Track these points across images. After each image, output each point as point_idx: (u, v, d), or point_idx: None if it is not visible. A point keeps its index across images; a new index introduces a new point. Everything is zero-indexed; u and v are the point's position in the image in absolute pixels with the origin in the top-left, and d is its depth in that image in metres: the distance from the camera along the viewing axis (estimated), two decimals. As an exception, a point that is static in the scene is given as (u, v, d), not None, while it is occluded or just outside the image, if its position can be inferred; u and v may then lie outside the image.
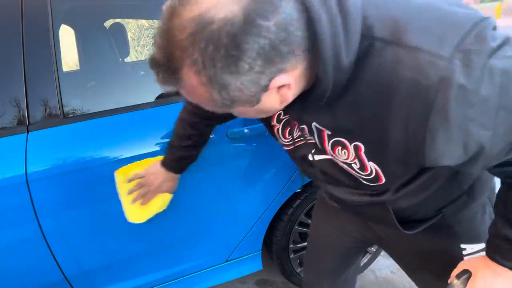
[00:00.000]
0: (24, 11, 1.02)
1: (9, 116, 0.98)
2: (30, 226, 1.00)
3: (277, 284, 1.72)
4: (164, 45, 0.43)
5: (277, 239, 1.46)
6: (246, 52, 0.41)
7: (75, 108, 1.06)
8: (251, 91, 0.45)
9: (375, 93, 0.49)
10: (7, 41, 1.00)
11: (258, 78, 0.44)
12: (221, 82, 0.43)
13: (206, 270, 1.36)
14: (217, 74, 0.42)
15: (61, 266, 1.10)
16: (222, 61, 0.41)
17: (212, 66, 0.42)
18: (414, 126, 0.47)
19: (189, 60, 0.42)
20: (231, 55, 0.41)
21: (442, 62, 0.43)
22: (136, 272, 1.24)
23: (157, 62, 0.44)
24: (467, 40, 0.44)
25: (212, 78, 0.43)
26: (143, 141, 1.06)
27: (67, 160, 1.00)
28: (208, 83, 0.44)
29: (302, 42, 0.44)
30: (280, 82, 0.46)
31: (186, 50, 0.41)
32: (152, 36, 0.45)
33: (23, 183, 0.96)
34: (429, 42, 0.44)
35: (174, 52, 0.42)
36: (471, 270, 0.71)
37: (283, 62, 0.44)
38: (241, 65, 0.42)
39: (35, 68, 1.00)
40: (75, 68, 2.08)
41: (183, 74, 0.44)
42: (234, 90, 0.44)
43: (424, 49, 0.44)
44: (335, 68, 0.47)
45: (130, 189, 1.03)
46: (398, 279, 1.71)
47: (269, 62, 0.43)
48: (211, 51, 0.41)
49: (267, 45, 0.42)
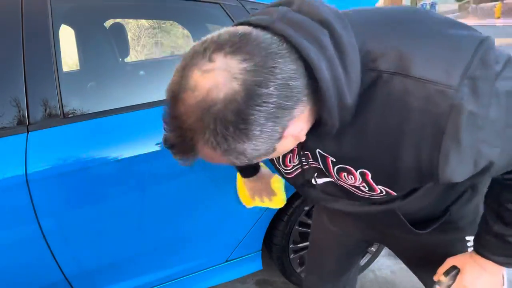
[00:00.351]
0: (24, 11, 1.02)
1: (9, 116, 0.98)
2: (30, 226, 1.00)
3: (277, 284, 1.72)
4: (175, 130, 0.45)
5: (277, 239, 1.46)
6: (254, 122, 0.43)
7: (75, 108, 1.06)
8: (267, 147, 0.47)
9: (383, 122, 0.49)
10: (7, 41, 1.00)
11: (271, 136, 0.45)
12: (237, 151, 0.45)
13: (206, 270, 1.36)
14: (231, 146, 0.44)
15: (61, 266, 1.10)
16: (233, 136, 0.43)
17: (224, 141, 0.44)
18: (426, 152, 0.48)
19: (202, 140, 0.44)
20: (240, 129, 0.43)
21: (451, 91, 0.45)
22: (136, 272, 1.24)
23: (172, 144, 0.46)
24: (472, 67, 0.45)
25: (227, 151, 0.45)
26: (143, 141, 1.07)
27: (67, 160, 1.00)
28: (224, 154, 0.46)
29: (305, 89, 0.46)
30: (292, 131, 0.48)
31: (197, 132, 0.43)
32: (162, 118, 0.47)
33: (23, 183, 0.96)
34: (436, 72, 0.45)
35: (186, 134, 0.44)
36: (459, 266, 0.73)
37: (290, 113, 0.46)
38: (252, 134, 0.44)
39: (35, 68, 1.00)
40: (75, 68, 2.07)
41: (199, 150, 0.46)
42: (250, 153, 0.46)
43: (432, 80, 0.45)
44: (339, 108, 0.48)
45: (260, 204, 1.05)
46: (398, 279, 1.71)
47: (278, 119, 0.44)
48: (221, 130, 0.42)
49: (273, 108, 0.43)
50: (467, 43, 0.47)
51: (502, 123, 0.48)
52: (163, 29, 5.44)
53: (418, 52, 0.47)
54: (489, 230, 0.67)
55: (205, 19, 1.53)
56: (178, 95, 0.44)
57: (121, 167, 1.05)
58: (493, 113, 0.46)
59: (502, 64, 0.47)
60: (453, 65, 0.46)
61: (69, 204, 1.03)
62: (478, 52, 0.46)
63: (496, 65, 0.46)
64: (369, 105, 0.49)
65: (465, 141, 0.46)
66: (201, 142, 0.44)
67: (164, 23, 5.12)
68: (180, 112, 0.43)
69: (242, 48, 0.43)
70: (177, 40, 5.35)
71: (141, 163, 1.06)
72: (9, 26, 1.01)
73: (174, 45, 5.35)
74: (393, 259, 1.82)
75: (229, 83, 0.41)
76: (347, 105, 0.48)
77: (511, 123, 0.48)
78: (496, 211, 0.65)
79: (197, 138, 0.44)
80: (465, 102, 0.44)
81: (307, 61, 0.45)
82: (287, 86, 0.43)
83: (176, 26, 4.88)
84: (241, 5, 1.21)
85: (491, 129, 0.47)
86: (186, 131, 0.44)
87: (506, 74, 0.47)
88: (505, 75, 0.47)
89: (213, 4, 1.21)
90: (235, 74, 0.42)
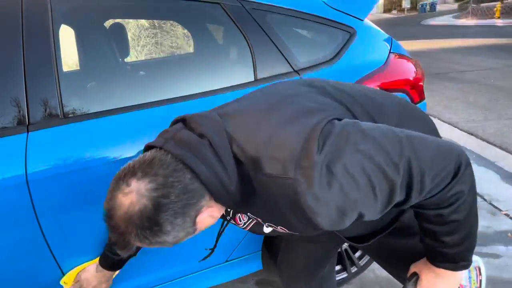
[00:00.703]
0: (24, 11, 1.02)
1: (9, 116, 0.98)
2: (30, 226, 1.00)
3: (277, 284, 1.72)
4: (113, 233, 0.63)
5: (277, 239, 1.45)
6: (163, 223, 0.60)
7: (75, 108, 1.06)
8: (184, 233, 0.65)
9: (268, 202, 0.66)
10: (7, 41, 1.00)
11: (183, 226, 0.64)
12: (158, 242, 0.63)
13: (206, 270, 1.36)
14: (152, 241, 0.62)
15: (61, 266, 1.10)
16: (151, 235, 0.61)
17: (146, 239, 0.62)
18: (302, 217, 0.62)
19: (132, 239, 0.62)
20: (155, 230, 0.61)
21: (290, 181, 0.59)
22: (136, 272, 1.24)
23: (114, 241, 0.65)
24: (300, 160, 0.59)
25: (151, 243, 0.63)
26: (143, 141, 1.06)
27: (67, 160, 1.00)
28: (150, 244, 0.64)
29: (203, 189, 0.63)
30: (204, 216, 0.66)
31: (127, 235, 0.61)
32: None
33: (23, 183, 0.96)
34: (278, 168, 0.60)
35: (121, 236, 0.62)
36: (418, 273, 0.80)
37: (196, 207, 0.64)
38: (165, 230, 0.61)
39: (35, 68, 1.00)
40: (75, 68, 2.07)
41: (133, 244, 0.64)
42: (171, 239, 0.64)
43: (275, 175, 0.60)
44: (227, 193, 0.64)
45: None
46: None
47: (185, 214, 0.63)
48: (141, 233, 0.61)
49: (178, 208, 0.61)
50: (299, 136, 0.61)
51: (345, 189, 0.59)
52: (163, 29, 5.44)
53: (264, 153, 0.61)
54: (424, 242, 0.75)
55: (205, 19, 1.53)
56: (110, 212, 0.62)
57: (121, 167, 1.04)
58: (334, 187, 0.59)
59: (328, 146, 0.60)
60: (287, 161, 0.59)
61: (69, 204, 1.03)
62: (305, 144, 0.59)
63: (318, 153, 0.59)
64: (254, 190, 0.65)
65: (318, 209, 0.59)
66: (132, 240, 0.62)
67: (164, 23, 5.11)
68: (113, 223, 0.61)
69: (149, 172, 0.60)
70: (177, 40, 5.34)
71: (141, 163, 1.06)
72: (9, 26, 1.01)
73: (174, 45, 5.35)
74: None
75: (141, 199, 0.59)
76: (231, 191, 0.64)
77: (347, 187, 0.60)
78: (420, 229, 0.75)
79: (128, 238, 0.62)
80: (302, 188, 0.58)
81: (196, 173, 0.61)
82: (187, 191, 0.61)
83: (176, 26, 4.87)
84: (241, 5, 1.21)
85: (334, 197, 0.59)
86: (120, 235, 0.62)
87: (330, 156, 0.59)
88: (329, 158, 0.59)
89: (213, 4, 1.21)
90: (145, 193, 0.59)
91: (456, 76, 5.78)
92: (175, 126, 0.70)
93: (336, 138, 0.61)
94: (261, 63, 1.21)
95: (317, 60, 1.28)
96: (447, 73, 5.98)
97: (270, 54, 1.22)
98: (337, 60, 1.29)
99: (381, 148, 0.61)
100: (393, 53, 1.38)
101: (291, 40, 1.27)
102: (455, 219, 0.67)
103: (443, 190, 0.64)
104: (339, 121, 0.66)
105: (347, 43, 1.32)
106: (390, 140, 0.63)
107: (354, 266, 1.63)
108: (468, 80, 5.43)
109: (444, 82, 5.40)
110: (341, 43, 1.32)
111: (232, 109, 0.72)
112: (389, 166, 0.61)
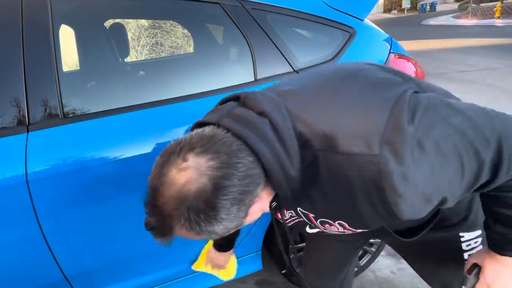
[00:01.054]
0: (24, 11, 1.02)
1: (9, 116, 0.98)
2: (30, 226, 1.00)
3: (277, 284, 1.72)
4: (155, 216, 0.54)
5: (277, 239, 1.45)
6: (221, 208, 0.52)
7: (75, 108, 1.06)
8: (235, 224, 0.56)
9: (336, 188, 0.58)
10: (7, 41, 1.00)
11: (237, 216, 0.55)
12: (208, 231, 0.54)
13: (206, 270, 1.36)
14: (202, 229, 0.54)
15: (61, 266, 1.10)
16: (204, 221, 0.52)
17: (197, 225, 0.53)
18: (379, 205, 0.56)
19: (178, 225, 0.53)
20: (210, 215, 0.52)
21: (375, 159, 0.52)
22: (136, 272, 1.24)
23: (153, 227, 0.55)
24: (387, 133, 0.52)
25: (200, 232, 0.54)
26: (143, 141, 1.06)
27: (67, 160, 1.00)
28: (198, 234, 0.55)
29: (262, 174, 0.55)
30: (256, 208, 0.58)
31: (174, 218, 0.52)
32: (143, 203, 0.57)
33: (23, 183, 0.96)
34: (358, 145, 0.53)
35: (165, 220, 0.53)
36: (480, 264, 0.75)
37: (253, 195, 0.56)
38: (220, 217, 0.53)
39: (35, 68, 1.00)
40: (75, 68, 2.07)
41: (176, 232, 0.55)
42: (221, 230, 0.55)
43: (356, 152, 0.53)
44: (286, 180, 0.57)
45: (211, 272, 1.25)
46: (398, 279, 1.71)
47: (242, 202, 0.54)
48: (193, 217, 0.52)
49: (237, 194, 0.53)
50: (382, 108, 0.55)
51: (436, 169, 0.53)
52: (163, 29, 5.44)
53: (340, 129, 0.55)
54: (492, 230, 0.70)
55: (205, 19, 1.53)
56: (158, 189, 0.53)
57: (121, 167, 1.04)
58: (424, 166, 0.52)
59: (419, 119, 0.53)
60: (370, 136, 0.53)
61: (69, 204, 1.03)
62: (392, 117, 0.53)
63: (410, 125, 0.52)
64: (318, 177, 0.58)
65: (405, 192, 0.52)
66: (178, 226, 0.53)
67: (164, 23, 5.11)
68: (160, 202, 0.52)
69: (210, 148, 0.52)
70: (177, 40, 5.34)
71: (141, 163, 1.06)
72: (9, 26, 1.00)
73: (174, 45, 5.35)
74: (393, 259, 1.82)
75: (200, 178, 0.51)
76: (292, 177, 0.57)
77: (435, 165, 0.53)
78: (491, 215, 0.70)
79: (174, 223, 0.53)
80: (390, 165, 0.51)
81: (257, 155, 0.54)
82: (248, 176, 0.53)
83: (176, 26, 4.87)
84: (241, 5, 1.21)
85: (424, 178, 0.53)
86: (165, 217, 0.53)
87: (422, 131, 0.53)
88: (421, 133, 0.53)
89: (213, 4, 1.21)
90: (204, 171, 0.51)
91: (456, 76, 5.78)
92: (228, 104, 0.62)
93: (425, 110, 0.55)
94: (261, 63, 1.21)
95: (317, 60, 1.28)
96: (447, 73, 5.98)
97: (270, 54, 1.22)
98: (337, 60, 1.29)
99: (471, 122, 0.56)
100: (393, 53, 1.38)
101: (291, 40, 1.27)
102: None
103: None
104: (422, 93, 0.60)
105: (347, 43, 1.32)
106: (479, 114, 0.58)
107: (354, 266, 1.63)
108: (468, 80, 5.43)
109: (444, 82, 5.39)
110: (341, 43, 1.32)
111: (290, 87, 0.65)
112: (481, 142, 0.55)
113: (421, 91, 0.63)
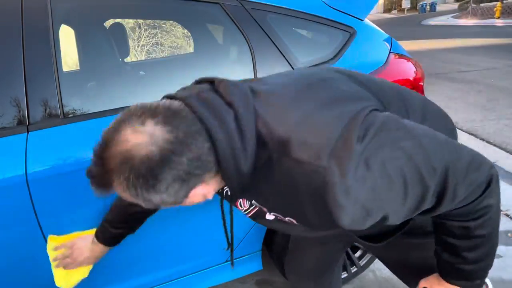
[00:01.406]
0: (24, 11, 1.02)
1: (9, 116, 0.98)
2: (30, 226, 1.00)
3: (277, 284, 1.72)
4: (98, 165, 0.55)
5: (277, 238, 1.45)
6: (162, 180, 0.53)
7: (75, 108, 1.06)
8: (172, 200, 0.58)
9: (286, 190, 0.60)
10: (7, 41, 1.00)
11: (177, 193, 0.56)
12: (143, 197, 0.55)
13: (206, 270, 1.36)
14: (138, 194, 0.55)
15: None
16: (141, 186, 0.53)
17: (133, 188, 0.54)
18: (323, 212, 0.57)
19: (116, 181, 0.54)
20: (149, 183, 0.53)
21: (322, 169, 0.54)
22: (136, 272, 1.24)
23: (93, 175, 0.57)
24: (337, 149, 0.54)
25: (136, 196, 0.55)
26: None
27: (67, 160, 1.00)
28: (133, 196, 0.56)
29: (214, 162, 0.57)
30: (198, 192, 0.60)
31: (114, 173, 0.54)
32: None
33: (23, 183, 0.96)
34: (309, 154, 0.55)
35: (106, 173, 0.54)
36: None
37: (198, 179, 0.57)
38: (158, 188, 0.54)
39: (35, 68, 1.00)
40: (75, 68, 2.07)
41: (114, 187, 0.56)
42: (156, 201, 0.57)
43: (305, 160, 0.55)
44: (237, 174, 0.58)
45: (54, 257, 1.03)
46: (398, 279, 1.70)
47: (185, 182, 0.55)
48: (133, 178, 0.53)
49: (182, 173, 0.54)
50: (336, 123, 0.57)
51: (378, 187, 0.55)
52: (163, 29, 5.44)
53: (295, 136, 0.56)
54: (440, 258, 0.73)
55: (205, 19, 1.53)
56: (109, 142, 0.54)
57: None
58: (367, 183, 0.54)
59: (369, 138, 0.55)
60: (321, 148, 0.54)
61: (69, 204, 1.03)
62: (344, 133, 0.55)
63: (359, 144, 0.54)
64: (271, 175, 0.59)
65: (345, 204, 0.54)
66: (116, 182, 0.54)
67: (164, 23, 5.11)
68: (106, 155, 0.54)
69: (170, 122, 0.53)
70: (177, 40, 5.35)
71: (141, 163, 1.06)
72: (9, 26, 1.00)
73: (174, 45, 5.35)
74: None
75: (151, 145, 0.52)
76: (242, 172, 0.58)
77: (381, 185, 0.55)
78: (440, 244, 0.72)
79: (113, 178, 0.54)
80: (334, 178, 0.53)
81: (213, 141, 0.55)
82: (199, 159, 0.54)
83: (176, 26, 4.87)
84: (241, 5, 1.21)
85: (366, 193, 0.55)
86: (106, 171, 0.54)
87: (370, 150, 0.55)
88: (369, 152, 0.54)
89: (213, 4, 1.21)
90: (157, 140, 0.52)
91: (456, 76, 5.78)
92: (202, 85, 0.63)
93: (377, 130, 0.57)
94: (261, 63, 1.21)
95: (317, 60, 1.28)
96: (447, 73, 5.98)
97: (270, 54, 1.22)
98: (337, 60, 1.29)
99: (422, 148, 0.58)
100: (393, 53, 1.38)
101: (291, 40, 1.27)
102: (480, 234, 0.66)
103: (474, 201, 0.62)
104: (380, 113, 0.62)
105: (347, 43, 1.32)
106: (431, 142, 0.59)
107: (354, 266, 1.63)
108: (468, 80, 5.43)
109: (444, 82, 5.40)
110: (341, 43, 1.32)
111: (263, 86, 0.66)
112: (428, 169, 0.57)
113: (382, 109, 0.65)
